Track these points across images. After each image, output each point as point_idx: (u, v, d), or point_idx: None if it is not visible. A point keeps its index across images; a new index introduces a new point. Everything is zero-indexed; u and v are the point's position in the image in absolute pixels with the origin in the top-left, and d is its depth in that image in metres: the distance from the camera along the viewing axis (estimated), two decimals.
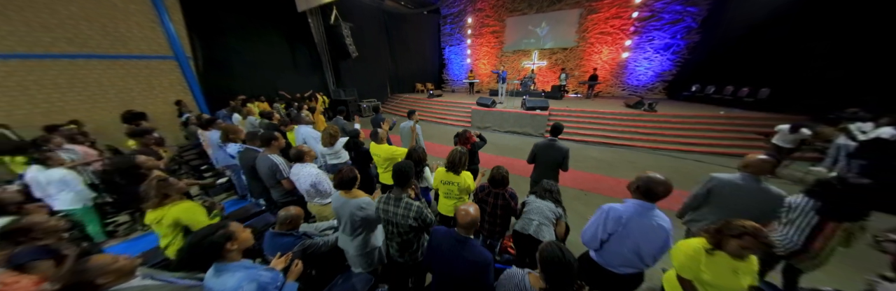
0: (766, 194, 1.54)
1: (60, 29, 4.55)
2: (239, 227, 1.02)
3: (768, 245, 1.11)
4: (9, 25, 4.15)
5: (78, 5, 4.64)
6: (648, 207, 1.24)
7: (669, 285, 1.30)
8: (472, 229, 1.14)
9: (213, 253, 0.94)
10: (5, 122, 3.86)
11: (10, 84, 4.25)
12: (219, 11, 6.19)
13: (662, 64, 8.88)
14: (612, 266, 1.34)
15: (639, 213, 1.25)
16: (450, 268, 1.12)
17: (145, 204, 1.42)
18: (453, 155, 1.77)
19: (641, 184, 1.23)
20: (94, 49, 4.85)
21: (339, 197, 1.47)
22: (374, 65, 10.09)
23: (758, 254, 1.17)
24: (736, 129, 5.40)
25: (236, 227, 1.01)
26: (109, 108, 4.96)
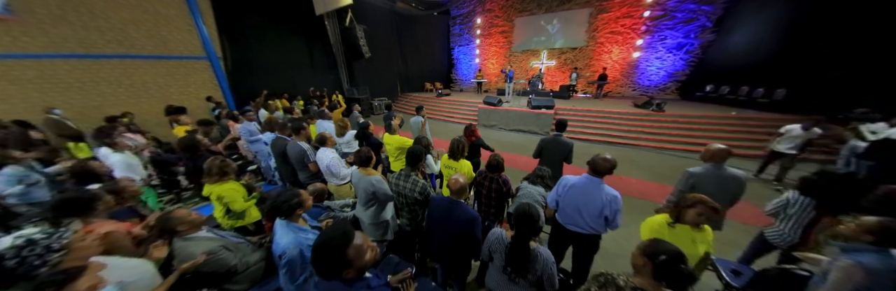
0: (733, 179, 1.76)
1: (112, 32, 5.13)
2: (307, 197, 1.32)
3: (715, 209, 1.31)
4: (71, 30, 4.75)
5: (127, 11, 5.22)
6: (596, 181, 1.60)
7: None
8: (461, 194, 1.41)
9: (288, 213, 1.24)
10: (68, 114, 4.44)
11: (71, 80, 4.86)
12: (245, 15, 6.71)
13: (675, 63, 8.71)
14: (565, 224, 1.72)
15: (584, 183, 1.63)
16: (445, 226, 1.39)
17: (206, 179, 1.76)
18: (454, 143, 2.04)
19: (591, 162, 1.63)
20: (140, 50, 5.42)
21: (357, 173, 1.76)
22: (386, 65, 10.46)
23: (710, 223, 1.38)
24: (747, 130, 5.35)
25: (306, 197, 1.30)
26: (151, 103, 5.53)
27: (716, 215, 1.33)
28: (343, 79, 9.56)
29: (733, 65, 6.96)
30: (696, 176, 1.85)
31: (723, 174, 1.79)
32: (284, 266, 1.12)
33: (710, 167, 1.82)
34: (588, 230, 1.63)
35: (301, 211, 1.27)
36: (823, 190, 1.59)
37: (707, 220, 1.27)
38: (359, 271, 0.82)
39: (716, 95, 7.30)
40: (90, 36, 4.94)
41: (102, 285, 0.94)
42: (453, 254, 1.37)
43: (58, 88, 4.75)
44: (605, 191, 1.56)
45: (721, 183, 1.78)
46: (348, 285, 0.82)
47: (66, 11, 4.68)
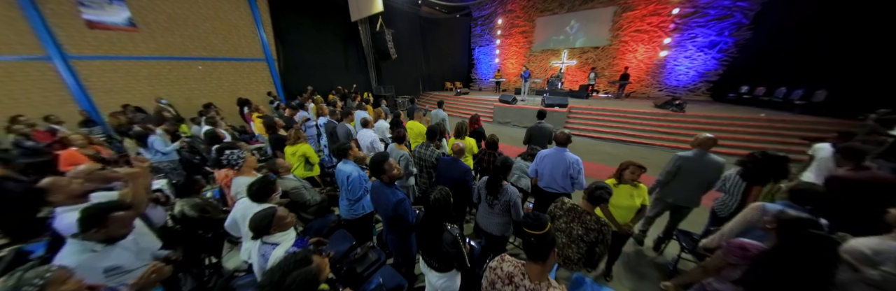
0: (714, 163, 2.04)
1: (199, 40, 6.45)
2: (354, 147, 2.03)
3: (641, 167, 1.78)
4: (172, 38, 6.10)
5: (210, 23, 6.52)
6: (561, 149, 2.21)
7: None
8: (461, 155, 2.10)
9: (346, 153, 1.99)
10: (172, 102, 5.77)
11: (171, 77, 6.24)
12: (295, 22, 7.86)
13: (706, 63, 8.33)
14: (544, 188, 2.27)
15: (552, 152, 2.24)
16: (449, 175, 2.07)
17: (289, 143, 2.56)
18: (458, 125, 2.69)
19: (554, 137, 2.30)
20: (218, 53, 6.73)
21: (393, 147, 2.46)
22: (410, 65, 11.26)
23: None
24: (776, 133, 5.11)
25: (354, 146, 2.01)
26: (225, 96, 6.83)
27: (643, 172, 1.80)
28: (372, 79, 10.53)
29: (771, 64, 6.58)
30: (683, 159, 2.12)
31: (706, 159, 2.05)
32: (350, 184, 1.80)
33: (697, 152, 2.07)
34: (559, 190, 2.17)
35: (352, 153, 2.00)
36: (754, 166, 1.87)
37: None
38: (391, 179, 1.47)
39: (750, 97, 6.95)
40: (184, 42, 6.29)
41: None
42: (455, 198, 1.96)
43: (162, 83, 6.14)
44: (568, 156, 2.14)
45: (703, 166, 2.05)
46: (386, 186, 1.46)
47: (170, 24, 6.04)
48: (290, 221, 1.23)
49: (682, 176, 2.12)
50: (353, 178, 1.81)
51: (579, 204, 1.46)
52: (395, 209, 1.43)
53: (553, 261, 0.93)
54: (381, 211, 1.62)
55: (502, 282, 0.95)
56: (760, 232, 1.35)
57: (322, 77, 8.70)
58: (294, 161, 2.53)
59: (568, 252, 1.47)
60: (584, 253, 1.43)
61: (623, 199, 1.79)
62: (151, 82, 6.04)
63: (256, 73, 7.43)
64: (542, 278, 0.91)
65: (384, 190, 1.52)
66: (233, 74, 7.04)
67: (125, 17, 5.61)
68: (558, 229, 1.50)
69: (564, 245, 1.49)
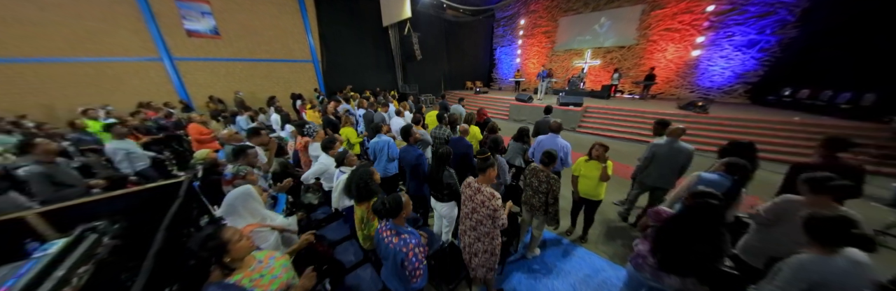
0: (683, 149, 2.33)
1: (263, 44, 7.82)
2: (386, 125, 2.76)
3: (604, 146, 2.27)
4: (244, 43, 7.52)
5: (272, 30, 7.87)
6: (554, 135, 2.77)
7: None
8: (465, 134, 2.85)
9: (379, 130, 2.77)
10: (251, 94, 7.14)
11: (242, 75, 7.68)
12: (336, 28, 9.04)
13: (745, 63, 7.83)
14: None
15: (547, 138, 2.79)
16: (456, 149, 2.68)
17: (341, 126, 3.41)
18: (468, 115, 3.36)
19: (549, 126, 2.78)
20: (277, 55, 8.08)
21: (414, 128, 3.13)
22: (433, 65, 12.01)
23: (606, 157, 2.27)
24: (807, 137, 4.84)
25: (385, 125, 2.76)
26: (280, 91, 8.18)
27: (606, 150, 2.25)
28: (398, 78, 11.47)
29: (819, 65, 6.14)
30: (656, 147, 2.45)
31: (675, 146, 2.35)
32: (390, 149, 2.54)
33: (668, 140, 2.39)
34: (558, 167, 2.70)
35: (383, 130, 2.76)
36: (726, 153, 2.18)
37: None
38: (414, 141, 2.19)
39: (791, 100, 6.52)
40: (252, 47, 7.68)
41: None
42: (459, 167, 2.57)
43: (236, 79, 7.58)
44: (559, 140, 2.72)
45: (673, 152, 2.35)
46: (411, 146, 2.17)
47: (243, 32, 7.43)
48: (354, 160, 2.08)
49: (656, 162, 2.48)
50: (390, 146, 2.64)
51: (538, 166, 2.04)
52: (416, 159, 2.16)
53: (491, 176, 1.60)
54: (406, 163, 2.37)
55: (468, 187, 1.70)
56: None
57: (356, 76, 9.84)
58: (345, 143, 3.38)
59: (533, 201, 2.05)
60: (543, 202, 1.97)
61: (592, 172, 2.30)
62: (228, 79, 7.50)
63: (305, 73, 8.74)
64: (483, 184, 1.60)
65: (409, 149, 2.26)
66: (287, 73, 8.39)
67: (212, 27, 7.06)
68: (528, 185, 2.08)
69: (530, 196, 2.08)
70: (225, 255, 0.87)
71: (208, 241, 0.87)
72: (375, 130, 2.68)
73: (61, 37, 5.45)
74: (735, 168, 1.74)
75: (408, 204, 1.24)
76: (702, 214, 1.17)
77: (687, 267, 1.21)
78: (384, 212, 1.21)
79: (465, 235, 1.74)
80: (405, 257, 1.14)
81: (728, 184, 1.71)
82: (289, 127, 3.48)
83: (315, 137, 2.65)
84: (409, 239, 1.17)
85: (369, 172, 1.59)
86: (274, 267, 0.98)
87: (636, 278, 1.41)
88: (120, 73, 6.10)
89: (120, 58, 6.06)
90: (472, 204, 1.62)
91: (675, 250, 1.22)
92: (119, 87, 6.10)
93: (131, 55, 6.19)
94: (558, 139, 2.69)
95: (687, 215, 1.23)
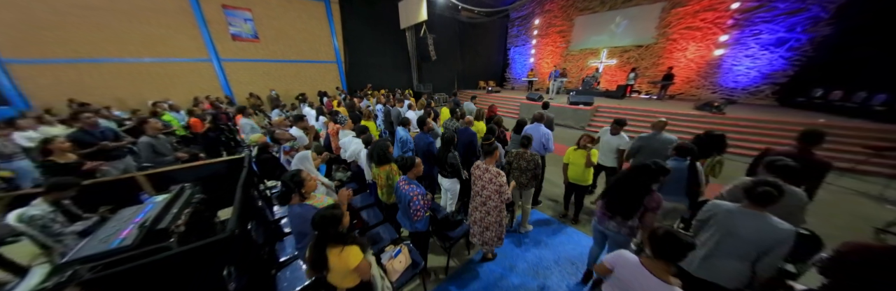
0: (666, 140, 2.56)
1: (294, 47, 8.66)
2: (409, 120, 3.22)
3: (590, 137, 2.54)
4: (278, 46, 8.41)
5: (302, 34, 8.70)
6: (538, 125, 3.13)
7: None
8: (470, 125, 3.22)
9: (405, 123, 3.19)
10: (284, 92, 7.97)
11: (276, 74, 8.58)
12: (358, 31, 9.73)
13: (772, 63, 7.47)
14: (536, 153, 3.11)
15: (533, 127, 3.12)
16: (462, 138, 3.03)
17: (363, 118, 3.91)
18: (478, 111, 3.66)
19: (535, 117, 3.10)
20: (305, 57, 8.90)
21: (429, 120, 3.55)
22: (447, 65, 12.41)
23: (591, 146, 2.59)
24: (831, 140, 4.71)
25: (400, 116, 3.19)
26: (309, 89, 8.99)
27: (590, 140, 2.59)
28: (414, 78, 12.01)
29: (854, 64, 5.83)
30: (643, 140, 2.68)
31: (658, 137, 2.58)
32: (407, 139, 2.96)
33: (653, 133, 2.65)
34: (540, 151, 3.06)
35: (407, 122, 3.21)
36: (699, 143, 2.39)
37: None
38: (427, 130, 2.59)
39: (822, 102, 6.20)
40: (285, 49, 8.53)
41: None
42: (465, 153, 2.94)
43: (270, 78, 8.47)
44: (541, 129, 3.08)
45: (658, 144, 2.56)
46: (424, 133, 2.59)
47: (277, 35, 8.30)
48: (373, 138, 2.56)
49: (642, 152, 2.71)
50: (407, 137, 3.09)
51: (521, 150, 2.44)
52: (427, 146, 2.54)
53: (495, 157, 1.97)
54: (419, 148, 2.75)
55: (477, 169, 2.06)
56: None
57: (375, 75, 10.51)
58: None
59: (520, 180, 2.39)
60: (528, 179, 2.38)
61: (579, 159, 2.62)
62: (264, 77, 8.40)
63: (330, 73, 9.52)
64: (489, 164, 1.95)
65: (422, 137, 2.68)
66: (314, 73, 9.20)
67: (253, 32, 7.95)
68: (516, 167, 2.46)
69: (517, 175, 2.47)
70: (302, 187, 1.39)
71: (293, 177, 1.40)
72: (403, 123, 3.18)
73: (136, 41, 6.48)
74: (683, 150, 2.02)
75: (419, 165, 1.74)
76: (638, 171, 1.55)
77: (618, 210, 1.60)
78: (403, 166, 1.72)
79: (476, 211, 2.10)
80: (411, 199, 1.61)
81: (684, 165, 1.96)
82: (322, 118, 4.05)
83: (344, 125, 3.14)
84: (416, 188, 1.67)
85: (386, 145, 2.07)
86: (326, 202, 1.47)
87: (596, 227, 1.83)
88: (178, 72, 7.10)
89: (178, 59, 7.05)
90: (481, 183, 1.99)
91: (615, 196, 1.62)
92: (176, 84, 7.11)
93: (187, 56, 7.17)
94: (541, 127, 3.05)
95: (629, 172, 1.61)
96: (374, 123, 4.00)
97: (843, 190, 3.42)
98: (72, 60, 6.01)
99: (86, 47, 6.06)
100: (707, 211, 1.45)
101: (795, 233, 1.24)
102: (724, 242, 1.34)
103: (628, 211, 1.57)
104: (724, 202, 1.43)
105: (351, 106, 4.37)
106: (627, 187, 1.57)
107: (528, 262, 2.28)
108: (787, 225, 1.23)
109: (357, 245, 1.11)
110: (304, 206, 1.42)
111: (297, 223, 1.41)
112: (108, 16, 6.14)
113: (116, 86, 6.48)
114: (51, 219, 1.75)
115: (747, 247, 1.27)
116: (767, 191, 1.23)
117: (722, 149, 2.30)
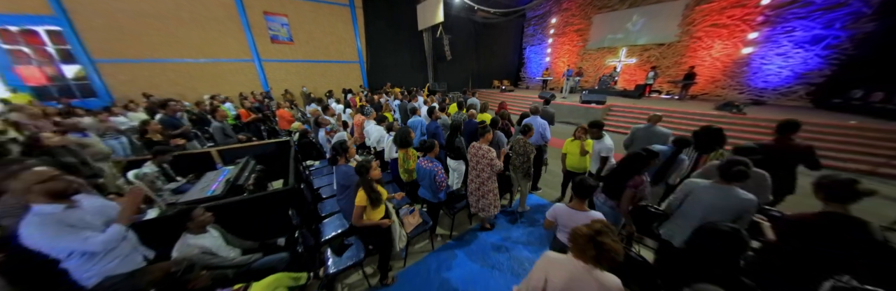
0: (660, 133, 2.76)
1: (322, 49, 9.48)
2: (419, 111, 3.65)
3: (584, 128, 2.70)
4: (308, 48, 9.26)
5: (329, 36, 9.52)
6: (535, 117, 3.49)
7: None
8: (473, 117, 3.66)
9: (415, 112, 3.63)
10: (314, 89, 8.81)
11: (306, 73, 9.47)
12: (379, 32, 10.39)
13: (807, 61, 7.01)
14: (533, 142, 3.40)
15: (530, 119, 3.48)
16: (467, 127, 3.42)
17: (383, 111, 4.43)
18: (482, 105, 3.95)
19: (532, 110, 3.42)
20: (331, 57, 9.71)
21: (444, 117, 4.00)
22: (462, 65, 12.70)
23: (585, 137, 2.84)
24: (862, 142, 4.47)
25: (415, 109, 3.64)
26: (335, 86, 9.80)
27: (584, 131, 2.81)
28: (430, 77, 12.49)
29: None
30: (637, 131, 2.91)
31: (652, 129, 2.79)
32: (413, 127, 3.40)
33: (648, 125, 2.86)
34: (538, 141, 3.35)
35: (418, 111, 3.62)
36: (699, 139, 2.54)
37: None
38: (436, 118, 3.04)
39: (861, 103, 5.79)
40: (314, 50, 9.37)
41: None
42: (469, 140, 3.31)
43: (301, 77, 9.37)
44: (538, 120, 3.42)
45: (651, 135, 2.78)
46: (434, 122, 3.00)
47: (308, 38, 9.16)
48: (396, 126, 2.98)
49: (636, 143, 2.93)
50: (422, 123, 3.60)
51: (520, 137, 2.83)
52: (435, 130, 3.03)
53: (488, 138, 2.38)
54: (429, 133, 3.20)
55: (473, 148, 2.48)
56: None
57: (394, 74, 11.16)
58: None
59: (516, 163, 2.73)
60: (523, 162, 2.77)
61: (575, 149, 2.90)
62: (297, 76, 9.30)
63: (353, 72, 10.30)
64: (483, 144, 2.35)
65: (432, 124, 3.16)
66: (339, 72, 10.01)
67: (288, 35, 8.84)
68: (515, 152, 2.80)
69: (515, 158, 2.85)
70: (346, 152, 1.95)
71: (341, 145, 2.00)
72: (412, 112, 3.61)
73: (193, 44, 7.53)
74: (679, 142, 2.30)
75: (436, 146, 2.22)
76: (632, 158, 1.87)
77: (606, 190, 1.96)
78: (423, 148, 2.21)
79: (472, 182, 2.52)
80: (436, 173, 2.09)
81: (670, 152, 2.23)
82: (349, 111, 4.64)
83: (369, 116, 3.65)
84: (437, 165, 2.15)
85: (407, 131, 2.53)
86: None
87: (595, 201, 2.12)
88: (226, 71, 8.11)
89: (227, 60, 8.06)
90: (476, 159, 2.40)
91: (610, 180, 1.98)
92: (224, 81, 8.13)
93: (234, 57, 8.18)
94: (538, 119, 3.40)
95: (623, 160, 1.92)
96: (391, 115, 4.50)
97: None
98: (143, 60, 7.14)
99: (155, 49, 7.17)
100: (684, 188, 1.67)
101: (758, 203, 1.45)
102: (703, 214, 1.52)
103: (614, 191, 1.88)
104: (698, 179, 1.66)
105: (371, 100, 4.94)
106: (622, 172, 1.87)
107: (521, 234, 2.66)
108: (751, 196, 1.44)
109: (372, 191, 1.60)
110: (347, 166, 2.01)
111: (342, 177, 1.96)
112: (172, 23, 7.21)
113: (177, 82, 7.57)
114: (156, 177, 2.38)
115: (721, 215, 1.45)
116: (741, 170, 1.45)
117: (722, 143, 2.45)
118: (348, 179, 1.84)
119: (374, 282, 1.95)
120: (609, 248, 0.88)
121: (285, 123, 4.86)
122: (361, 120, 3.72)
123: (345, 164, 2.01)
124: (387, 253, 1.82)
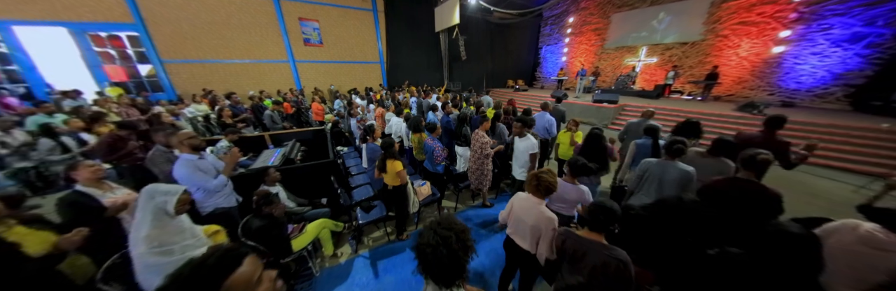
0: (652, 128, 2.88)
1: (348, 50, 10.34)
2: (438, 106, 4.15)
3: (574, 121, 2.99)
4: (335, 49, 10.13)
5: (354, 38, 10.36)
6: (543, 113, 3.89)
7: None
8: (482, 114, 3.86)
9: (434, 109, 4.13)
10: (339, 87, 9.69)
11: (334, 73, 10.38)
12: (398, 34, 11.07)
13: (846, 61, 6.54)
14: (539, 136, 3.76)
15: (538, 115, 3.84)
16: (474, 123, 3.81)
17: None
18: (496, 103, 4.34)
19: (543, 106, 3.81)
20: (355, 58, 10.56)
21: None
22: (477, 64, 13.03)
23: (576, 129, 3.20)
24: (892, 146, 4.29)
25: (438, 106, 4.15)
26: (358, 85, 10.65)
27: (575, 124, 3.17)
28: (445, 76, 12.97)
29: None
30: (631, 125, 3.21)
31: (644, 123, 2.99)
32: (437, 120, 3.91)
33: (640, 120, 3.13)
34: (545, 135, 3.72)
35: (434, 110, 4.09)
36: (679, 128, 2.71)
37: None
38: (447, 112, 3.50)
39: None
40: (341, 52, 10.24)
41: None
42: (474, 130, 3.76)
43: (329, 76, 10.29)
44: (546, 116, 3.79)
45: (641, 129, 2.96)
46: (445, 115, 3.47)
47: (335, 41, 10.04)
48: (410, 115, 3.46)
49: (629, 136, 3.21)
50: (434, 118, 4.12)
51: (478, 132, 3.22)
52: (446, 123, 3.46)
53: (485, 127, 2.93)
54: (443, 126, 3.67)
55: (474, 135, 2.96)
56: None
57: (411, 74, 11.83)
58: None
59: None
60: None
61: (566, 139, 3.28)
62: (325, 75, 10.23)
63: (374, 72, 11.10)
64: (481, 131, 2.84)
65: (443, 117, 3.60)
66: (361, 72, 10.84)
67: (319, 38, 9.75)
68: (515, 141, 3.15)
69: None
70: (373, 133, 2.58)
71: (370, 128, 2.64)
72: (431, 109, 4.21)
73: (240, 47, 8.62)
74: (648, 130, 2.62)
75: (437, 127, 2.80)
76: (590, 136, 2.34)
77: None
78: (428, 128, 2.80)
79: (472, 164, 2.95)
80: (434, 149, 2.68)
81: (649, 143, 2.50)
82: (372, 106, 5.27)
83: (389, 108, 4.23)
84: (437, 143, 2.77)
85: (419, 119, 3.05)
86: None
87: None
88: (266, 71, 9.17)
89: (267, 61, 9.12)
90: (476, 144, 2.83)
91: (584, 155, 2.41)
92: (265, 80, 9.19)
93: (273, 58, 9.21)
94: (546, 115, 3.75)
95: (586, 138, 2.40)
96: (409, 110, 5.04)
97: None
98: (201, 61, 8.32)
99: (210, 51, 8.33)
100: (642, 166, 2.02)
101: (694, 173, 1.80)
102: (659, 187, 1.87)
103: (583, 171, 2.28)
104: (651, 159, 2.03)
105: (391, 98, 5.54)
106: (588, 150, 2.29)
107: None
108: (690, 167, 1.82)
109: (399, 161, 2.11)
110: (374, 144, 2.69)
111: (370, 152, 2.56)
112: (225, 28, 8.32)
113: (227, 80, 8.71)
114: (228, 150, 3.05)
115: (674, 185, 1.81)
116: (679, 147, 1.84)
117: (698, 135, 2.68)
118: (374, 153, 2.49)
119: (392, 238, 2.46)
120: (545, 181, 1.32)
121: (317, 116, 5.61)
122: (382, 112, 4.30)
123: (372, 142, 2.66)
124: (404, 215, 2.32)
